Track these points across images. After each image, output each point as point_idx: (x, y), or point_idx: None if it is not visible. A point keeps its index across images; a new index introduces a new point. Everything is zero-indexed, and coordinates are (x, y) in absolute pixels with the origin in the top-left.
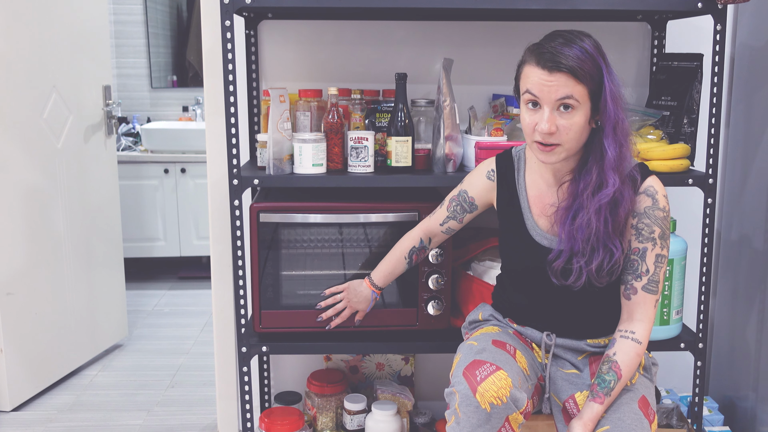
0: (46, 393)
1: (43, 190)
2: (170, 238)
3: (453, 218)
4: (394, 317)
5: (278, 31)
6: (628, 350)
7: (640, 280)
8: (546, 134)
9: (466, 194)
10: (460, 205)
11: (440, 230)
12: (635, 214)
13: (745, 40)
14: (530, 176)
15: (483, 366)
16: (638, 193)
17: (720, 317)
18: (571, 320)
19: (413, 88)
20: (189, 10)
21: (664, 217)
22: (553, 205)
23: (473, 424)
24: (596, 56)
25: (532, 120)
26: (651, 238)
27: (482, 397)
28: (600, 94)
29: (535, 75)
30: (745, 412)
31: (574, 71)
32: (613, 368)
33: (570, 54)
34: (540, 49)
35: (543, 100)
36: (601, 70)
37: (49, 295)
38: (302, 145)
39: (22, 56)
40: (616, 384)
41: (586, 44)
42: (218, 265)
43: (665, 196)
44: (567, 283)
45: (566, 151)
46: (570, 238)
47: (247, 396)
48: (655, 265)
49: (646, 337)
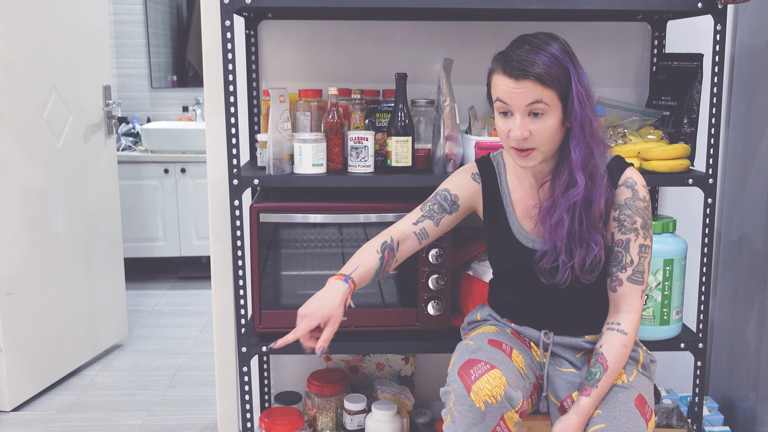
0: (46, 393)
1: (43, 190)
2: (170, 238)
3: (429, 217)
4: (394, 317)
5: (278, 31)
6: (614, 342)
7: (625, 272)
8: (520, 140)
9: (447, 192)
10: (438, 204)
11: (412, 231)
12: (616, 206)
13: (745, 40)
14: (511, 180)
15: (478, 365)
16: (618, 185)
17: (720, 317)
18: (567, 317)
19: (413, 88)
20: (189, 10)
21: (645, 207)
22: (536, 206)
23: (468, 422)
24: (563, 60)
25: (506, 127)
26: (633, 229)
27: (476, 396)
28: (568, 96)
29: (503, 84)
30: (745, 412)
31: (541, 78)
32: (599, 360)
33: (536, 61)
34: (506, 58)
35: (513, 108)
36: (568, 72)
37: (49, 295)
38: (302, 145)
39: (22, 56)
40: (602, 375)
41: (553, 49)
42: (218, 265)
43: (644, 186)
44: (555, 281)
45: (542, 154)
46: (551, 236)
47: (247, 396)
48: (639, 256)
49: (633, 328)
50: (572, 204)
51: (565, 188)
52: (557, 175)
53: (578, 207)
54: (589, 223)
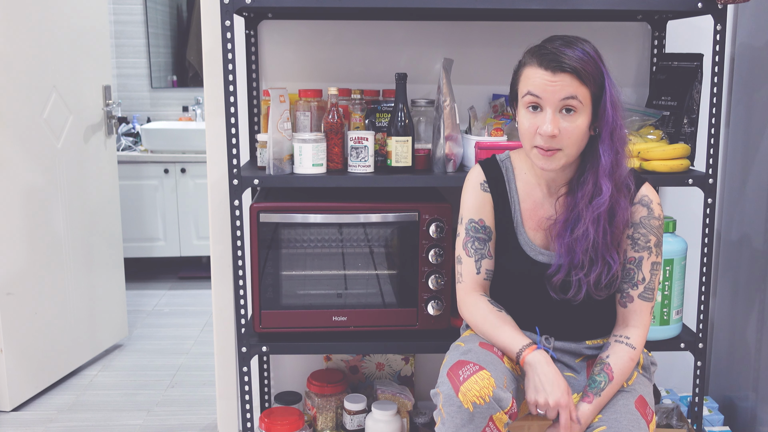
0: (46, 393)
1: (43, 190)
2: (170, 238)
3: (481, 257)
4: (394, 317)
5: (278, 31)
6: (622, 355)
7: (636, 289)
8: (548, 137)
9: (474, 223)
10: (476, 239)
11: (483, 278)
12: (631, 224)
13: (745, 40)
14: (523, 188)
15: (466, 366)
16: (633, 203)
17: (720, 317)
18: (569, 324)
19: (413, 88)
20: (189, 10)
21: (659, 225)
22: (549, 219)
23: (457, 423)
24: (597, 60)
25: (533, 123)
26: (647, 247)
27: (464, 397)
28: (600, 98)
29: (537, 76)
30: (745, 412)
31: (578, 72)
32: (605, 370)
33: (573, 55)
34: (542, 51)
35: (546, 102)
36: (602, 73)
37: (49, 295)
38: (302, 145)
39: (22, 56)
40: (606, 385)
41: (587, 47)
42: (218, 265)
43: (659, 203)
44: (567, 297)
45: (566, 157)
46: (569, 251)
47: (247, 396)
48: (651, 273)
49: (641, 343)
50: (597, 216)
51: (590, 199)
52: (581, 185)
53: (602, 219)
54: (613, 236)
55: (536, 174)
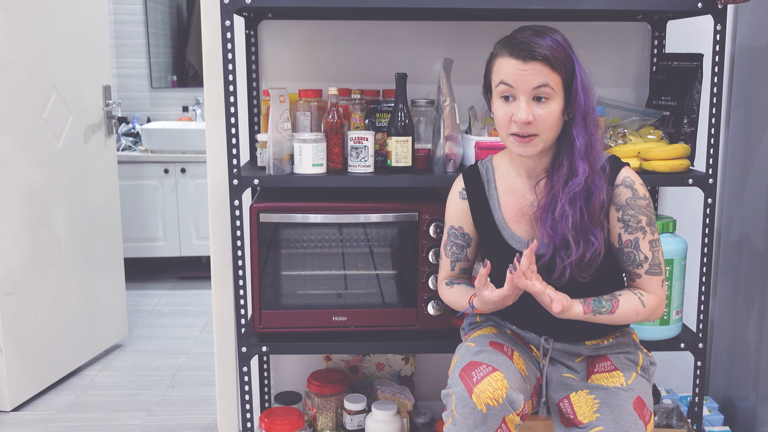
0: (46, 393)
1: (43, 190)
2: (170, 238)
3: (457, 260)
4: (394, 317)
5: (278, 31)
6: (632, 302)
7: (641, 267)
8: (523, 123)
9: (455, 229)
10: (455, 245)
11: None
12: (618, 207)
13: (745, 40)
14: (503, 183)
15: (479, 367)
16: (615, 185)
17: (720, 317)
18: (568, 325)
19: (413, 88)
20: (189, 10)
21: (647, 204)
22: (531, 205)
23: (470, 425)
24: (567, 47)
25: (507, 112)
26: (640, 228)
27: (478, 399)
28: (572, 84)
29: (509, 66)
30: (745, 412)
31: (549, 60)
32: (612, 302)
33: (543, 43)
34: (512, 41)
35: (519, 90)
36: (572, 60)
37: (49, 295)
38: (302, 145)
39: (22, 56)
40: (606, 312)
41: (557, 36)
42: (218, 265)
43: (642, 184)
44: (551, 280)
45: (543, 142)
46: (553, 230)
47: (247, 396)
48: (652, 251)
49: (653, 307)
50: (573, 195)
51: (566, 180)
52: (556, 168)
53: (579, 199)
54: (590, 216)
55: (516, 165)
